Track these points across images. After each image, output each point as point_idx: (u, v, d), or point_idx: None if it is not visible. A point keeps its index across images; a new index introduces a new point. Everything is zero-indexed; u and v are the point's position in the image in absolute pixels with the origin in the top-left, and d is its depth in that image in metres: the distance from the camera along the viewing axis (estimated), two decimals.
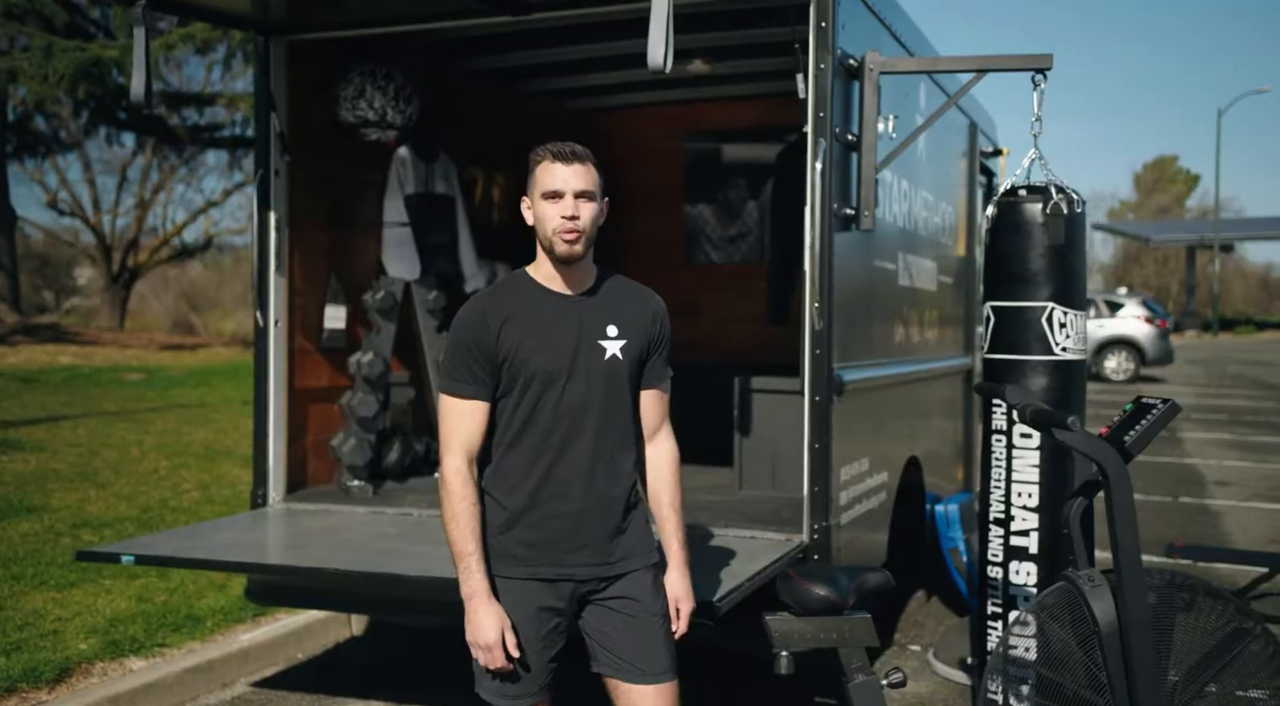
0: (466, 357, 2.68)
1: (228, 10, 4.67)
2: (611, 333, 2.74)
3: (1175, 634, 3.04)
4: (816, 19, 4.04)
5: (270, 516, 4.75)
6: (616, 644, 2.73)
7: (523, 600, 2.70)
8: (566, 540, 2.70)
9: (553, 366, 2.67)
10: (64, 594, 5.54)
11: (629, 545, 2.76)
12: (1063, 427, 2.92)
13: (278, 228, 4.83)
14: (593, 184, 2.68)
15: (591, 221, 2.69)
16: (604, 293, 2.79)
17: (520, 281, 2.77)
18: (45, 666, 4.63)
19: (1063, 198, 4.08)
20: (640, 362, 2.79)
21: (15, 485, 7.53)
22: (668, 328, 2.86)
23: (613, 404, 2.73)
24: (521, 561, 2.70)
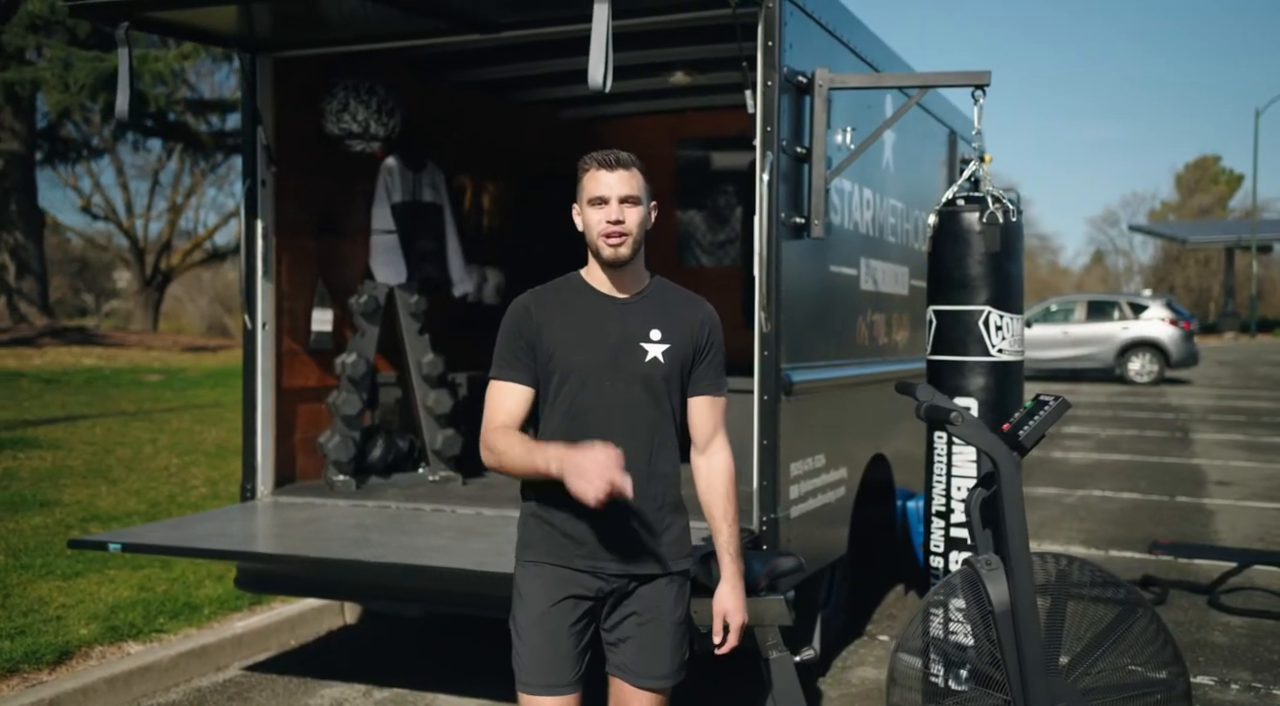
0: (512, 345, 2.77)
1: (214, 30, 4.94)
2: (655, 336, 2.77)
3: (1069, 615, 3.23)
4: (764, 38, 4.25)
5: (257, 509, 5.02)
6: (628, 646, 2.78)
7: (555, 586, 2.74)
8: (603, 536, 2.72)
9: (590, 363, 2.72)
10: (69, 583, 5.84)
11: (663, 547, 2.78)
12: (950, 423, 3.12)
13: (265, 235, 5.10)
14: (638, 189, 2.74)
15: (638, 225, 2.74)
16: (652, 297, 2.83)
17: (572, 281, 2.84)
18: (47, 649, 4.91)
19: (999, 207, 4.28)
20: (684, 369, 2.81)
21: (31, 481, 7.86)
22: (718, 337, 2.88)
23: (650, 406, 2.75)
24: (557, 550, 2.75)
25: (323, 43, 5.09)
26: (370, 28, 4.87)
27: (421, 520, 4.74)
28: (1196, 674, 5.27)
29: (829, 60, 4.71)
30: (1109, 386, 22.69)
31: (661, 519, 2.78)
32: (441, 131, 6.23)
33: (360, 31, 4.93)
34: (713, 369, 2.86)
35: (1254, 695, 5.02)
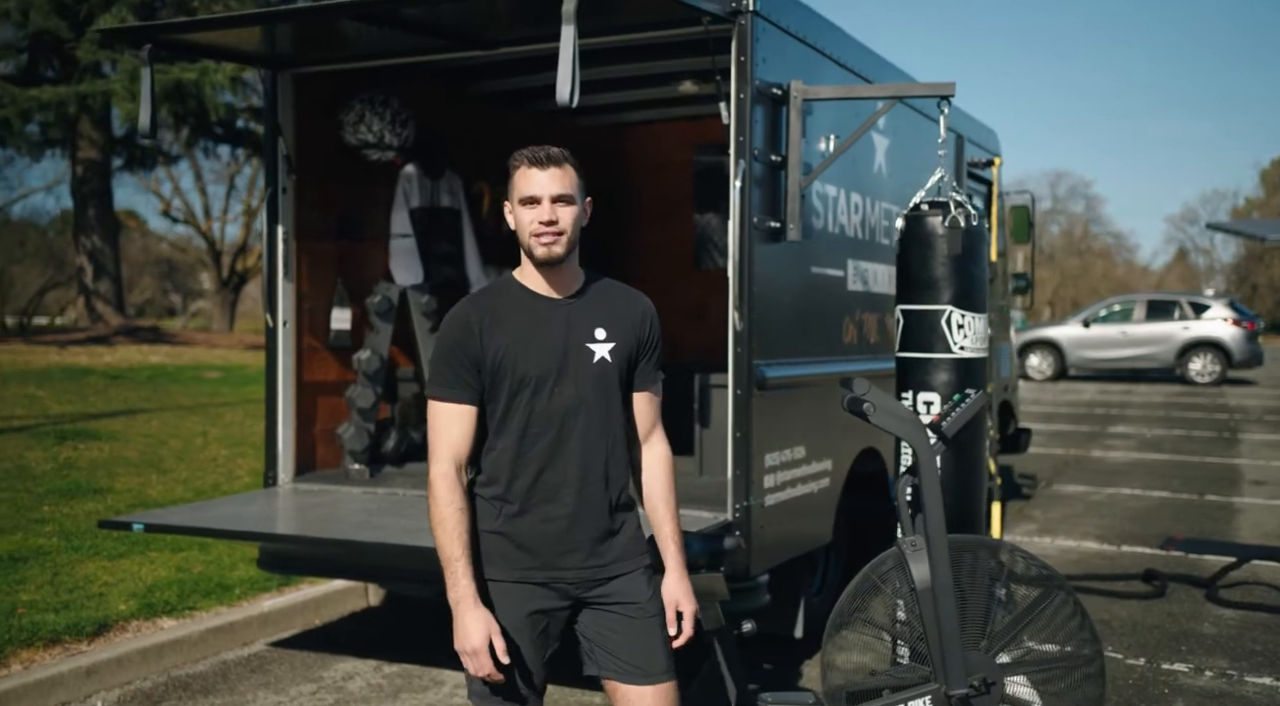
0: (452, 361, 2.67)
1: (236, 49, 5.32)
2: (600, 335, 2.71)
3: (994, 594, 3.45)
4: (736, 53, 4.51)
5: (277, 494, 5.40)
6: (615, 645, 2.72)
7: (515, 603, 2.68)
8: (558, 543, 2.67)
9: (540, 370, 2.65)
10: (113, 563, 6.28)
11: (621, 548, 2.74)
12: (865, 415, 3.36)
13: (285, 239, 5.47)
14: (570, 186, 2.66)
15: (572, 224, 2.66)
16: (591, 295, 2.76)
17: (506, 285, 2.76)
18: (87, 622, 5.34)
19: (960, 212, 4.49)
20: (630, 365, 2.76)
21: (88, 470, 8.38)
22: (658, 330, 2.83)
23: (603, 407, 2.70)
24: (513, 564, 2.68)
25: (340, 59, 5.44)
26: (383, 45, 5.21)
27: (423, 506, 5.06)
28: (1174, 662, 5.43)
29: (808, 71, 4.95)
30: (1169, 387, 22.44)
31: (616, 520, 2.74)
32: (460, 140, 6.56)
33: (374, 48, 5.27)
34: (652, 364, 2.82)
35: (1225, 681, 5.16)
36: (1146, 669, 5.35)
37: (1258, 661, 5.45)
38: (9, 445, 9.03)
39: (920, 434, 3.36)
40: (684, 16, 4.42)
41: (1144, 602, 6.53)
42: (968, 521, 4.50)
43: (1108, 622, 6.09)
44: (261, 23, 4.57)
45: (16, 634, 5.11)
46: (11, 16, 15.45)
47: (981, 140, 7.84)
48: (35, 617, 5.33)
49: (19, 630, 5.15)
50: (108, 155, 20.54)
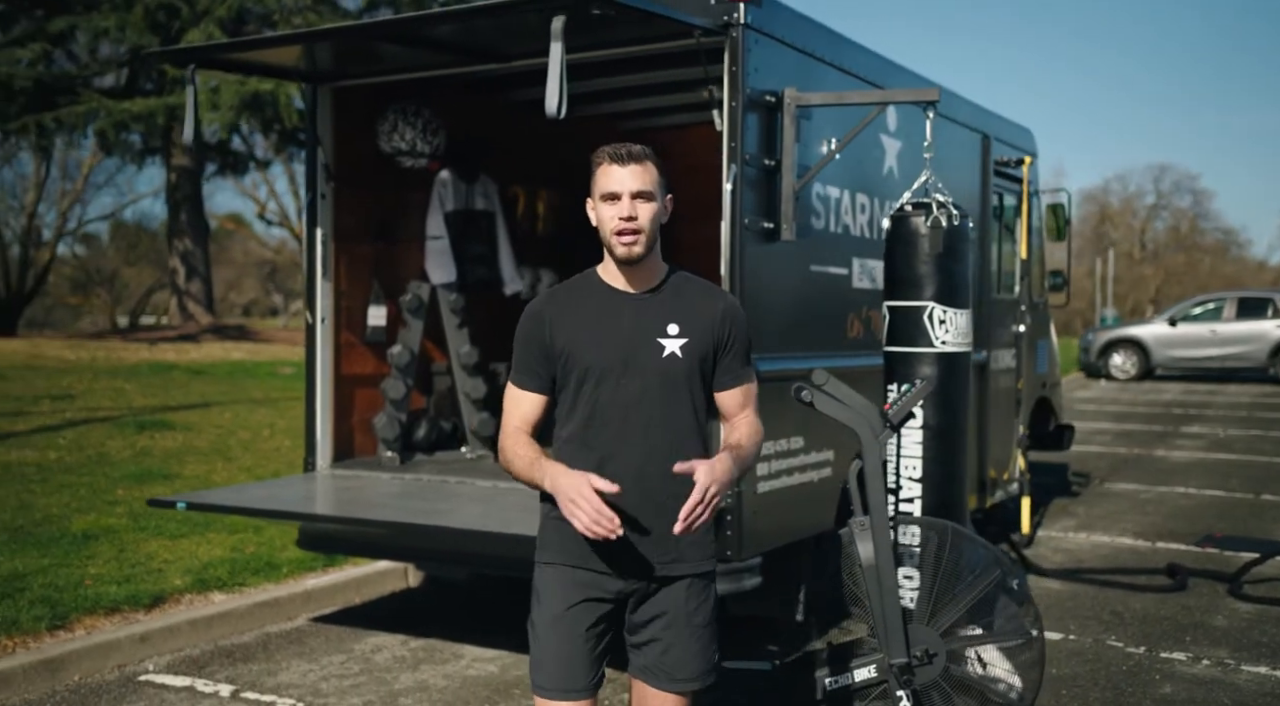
0: (525, 352, 2.75)
1: (278, 65, 5.74)
2: (672, 331, 2.70)
3: (942, 574, 3.67)
4: (728, 63, 4.77)
5: (313, 479, 5.81)
6: (660, 648, 2.72)
7: (572, 588, 2.70)
8: (618, 538, 2.59)
9: (605, 361, 2.68)
10: (174, 542, 6.77)
11: (683, 548, 2.70)
12: (811, 403, 3.60)
13: (324, 242, 5.88)
14: (651, 183, 2.67)
15: (651, 221, 2.67)
16: (670, 291, 2.75)
17: (586, 279, 2.80)
18: (145, 595, 5.81)
19: (943, 212, 4.69)
20: (704, 362, 2.74)
21: (160, 457, 8.95)
22: (741, 328, 2.80)
23: (669, 402, 2.68)
24: (575, 551, 2.70)
25: (375, 73, 5.82)
26: (415, 59, 5.57)
27: (443, 489, 5.43)
28: (1174, 651, 5.54)
29: (805, 78, 5.18)
30: (1259, 387, 21.96)
31: (677, 517, 2.60)
32: (495, 146, 6.92)
33: (407, 62, 5.63)
34: (739, 362, 2.79)
35: (1220, 670, 5.26)
36: (1144, 656, 5.47)
37: (1260, 652, 5.53)
38: (93, 434, 9.68)
39: (862, 421, 3.59)
40: (677, 31, 4.69)
41: (1161, 595, 6.61)
42: (948, 507, 4.68)
43: (1119, 614, 6.21)
44: (292, 43, 4.97)
45: (81, 602, 5.60)
46: (110, 34, 16.32)
47: (1013, 139, 7.95)
48: (99, 589, 5.81)
49: (84, 599, 5.64)
50: (199, 162, 21.48)
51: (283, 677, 5.11)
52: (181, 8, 15.87)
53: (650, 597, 2.73)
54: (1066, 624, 6.03)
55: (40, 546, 6.50)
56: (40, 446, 9.21)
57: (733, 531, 4.80)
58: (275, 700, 4.82)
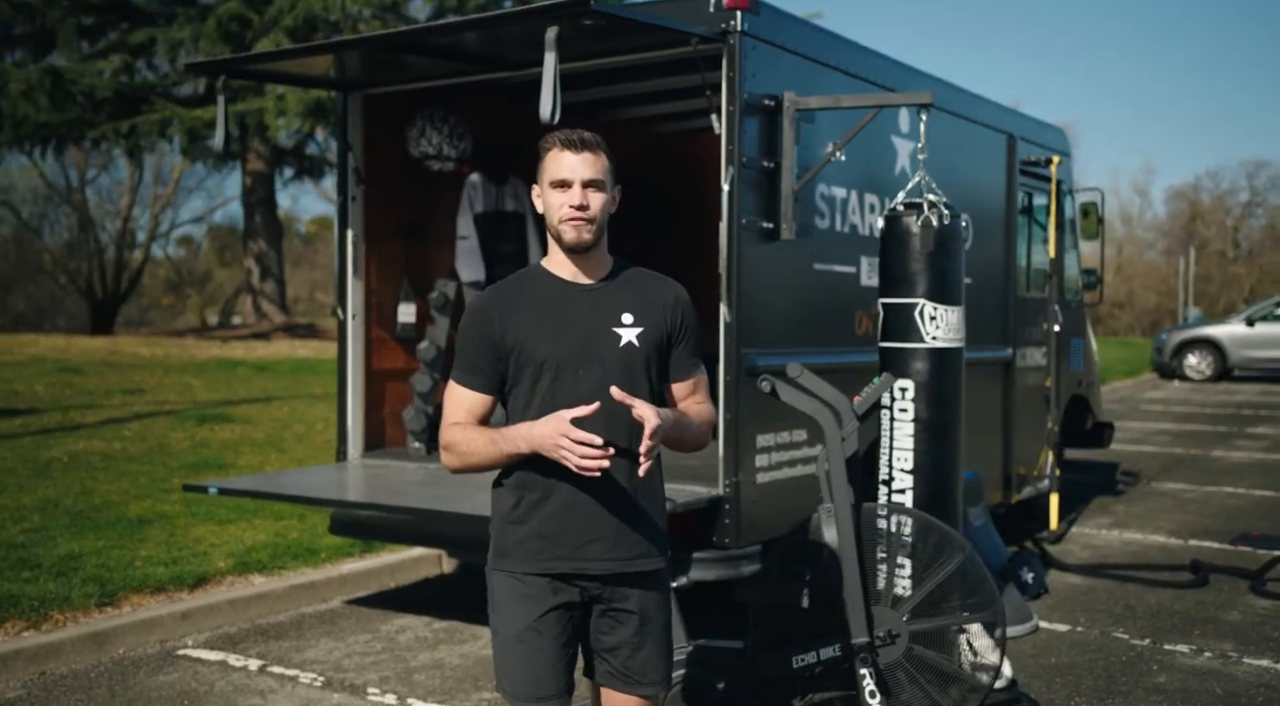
0: (470, 350, 2.67)
1: (310, 75, 6.05)
2: (627, 319, 2.67)
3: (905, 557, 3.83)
4: (726, 69, 4.96)
5: (344, 467, 6.12)
6: (625, 654, 2.70)
7: (537, 597, 2.65)
8: (581, 532, 2.63)
9: (561, 354, 2.62)
10: (221, 528, 7.15)
11: (646, 541, 2.68)
12: (775, 393, 3.78)
13: (355, 243, 6.19)
14: (602, 172, 2.62)
15: (601, 210, 2.63)
16: (620, 281, 2.72)
17: (532, 273, 2.75)
18: (189, 575, 6.17)
19: (934, 212, 4.83)
20: (660, 351, 2.71)
21: (218, 448, 9.38)
22: (691, 317, 2.77)
23: (629, 391, 2.59)
24: (535, 555, 2.65)
25: (404, 80, 6.11)
26: (438, 67, 5.85)
27: (467, 478, 5.67)
28: (1179, 644, 5.60)
29: (807, 81, 5.34)
30: None
31: (645, 511, 2.69)
32: (527, 149, 7.16)
33: (433, 70, 5.90)
34: (689, 352, 2.77)
35: (1221, 662, 5.32)
36: (1146, 648, 5.54)
37: (1266, 646, 5.56)
38: (157, 426, 10.17)
39: (824, 412, 3.77)
40: (676, 39, 4.90)
41: (1179, 591, 6.64)
42: (939, 498, 4.82)
43: (1132, 608, 6.26)
44: (310, 54, 5.27)
45: (130, 581, 5.97)
46: (185, 45, 16.98)
47: (1041, 139, 8.01)
48: (148, 569, 6.19)
49: (133, 578, 6.01)
50: (273, 167, 22.16)
51: (309, 654, 5.42)
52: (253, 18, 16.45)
53: (613, 602, 2.69)
54: (1076, 616, 6.10)
55: (97, 529, 6.91)
56: (107, 437, 9.72)
57: (730, 520, 4.99)
58: (299, 674, 5.12)
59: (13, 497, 7.60)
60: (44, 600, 5.61)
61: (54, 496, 7.67)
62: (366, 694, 4.87)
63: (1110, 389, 22.13)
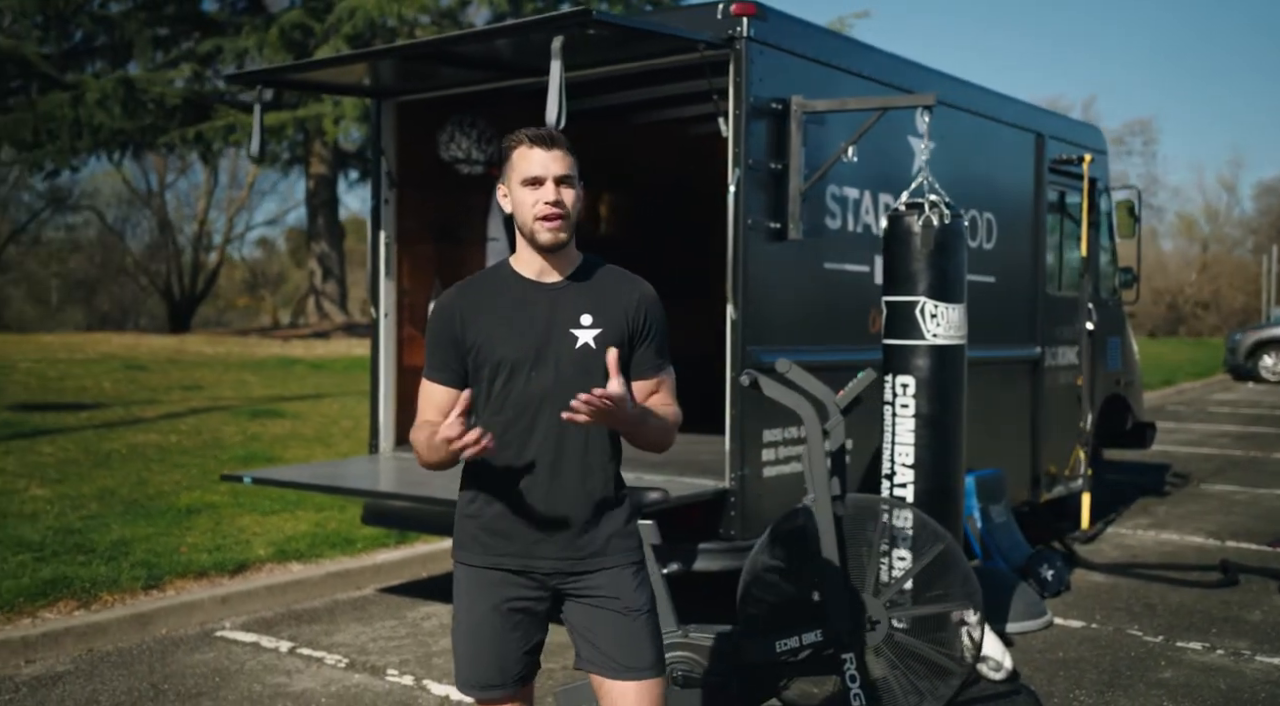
0: (437, 346, 2.71)
1: (345, 83, 6.31)
2: (585, 321, 2.65)
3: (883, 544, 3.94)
4: (733, 75, 5.11)
5: (375, 460, 6.37)
6: (600, 639, 2.68)
7: (489, 589, 2.68)
8: (531, 531, 2.65)
9: (516, 353, 2.63)
10: (265, 518, 7.45)
11: (602, 543, 2.66)
12: (756, 386, 3.91)
13: (387, 244, 6.43)
14: (571, 168, 2.63)
15: (573, 206, 2.63)
16: (585, 280, 2.70)
17: (498, 271, 2.75)
18: (231, 562, 6.46)
19: (935, 212, 4.93)
20: (620, 352, 2.63)
21: (266, 442, 9.73)
22: (657, 317, 2.74)
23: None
24: (487, 549, 2.68)
25: (435, 87, 6.34)
26: (468, 74, 6.05)
27: None
28: (1192, 641, 5.61)
29: (817, 85, 5.46)
30: None
31: (596, 513, 2.67)
32: None
33: (463, 77, 6.12)
34: (653, 352, 2.73)
35: (1232, 660, 5.33)
36: (1158, 645, 5.57)
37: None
38: (211, 420, 10.55)
39: (805, 406, 3.89)
40: (683, 46, 5.06)
41: (1206, 590, 6.63)
42: (940, 492, 4.92)
43: (1152, 607, 6.28)
44: (345, 63, 5.51)
45: (175, 567, 6.28)
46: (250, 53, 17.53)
47: (1073, 137, 8.01)
48: (192, 556, 6.49)
49: (178, 564, 6.32)
50: (335, 170, 22.70)
51: (337, 638, 5.66)
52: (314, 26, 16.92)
53: (585, 592, 2.69)
54: (1093, 613, 6.14)
55: (148, 518, 7.25)
56: (164, 431, 10.12)
57: (736, 512, 5.14)
58: (325, 656, 5.36)
59: (74, 486, 7.98)
60: (95, 582, 5.93)
61: (111, 486, 8.04)
62: (385, 675, 5.09)
63: (1176, 390, 21.78)
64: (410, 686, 4.94)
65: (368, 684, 4.98)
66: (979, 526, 6.60)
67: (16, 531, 6.75)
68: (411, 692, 4.87)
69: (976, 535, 6.58)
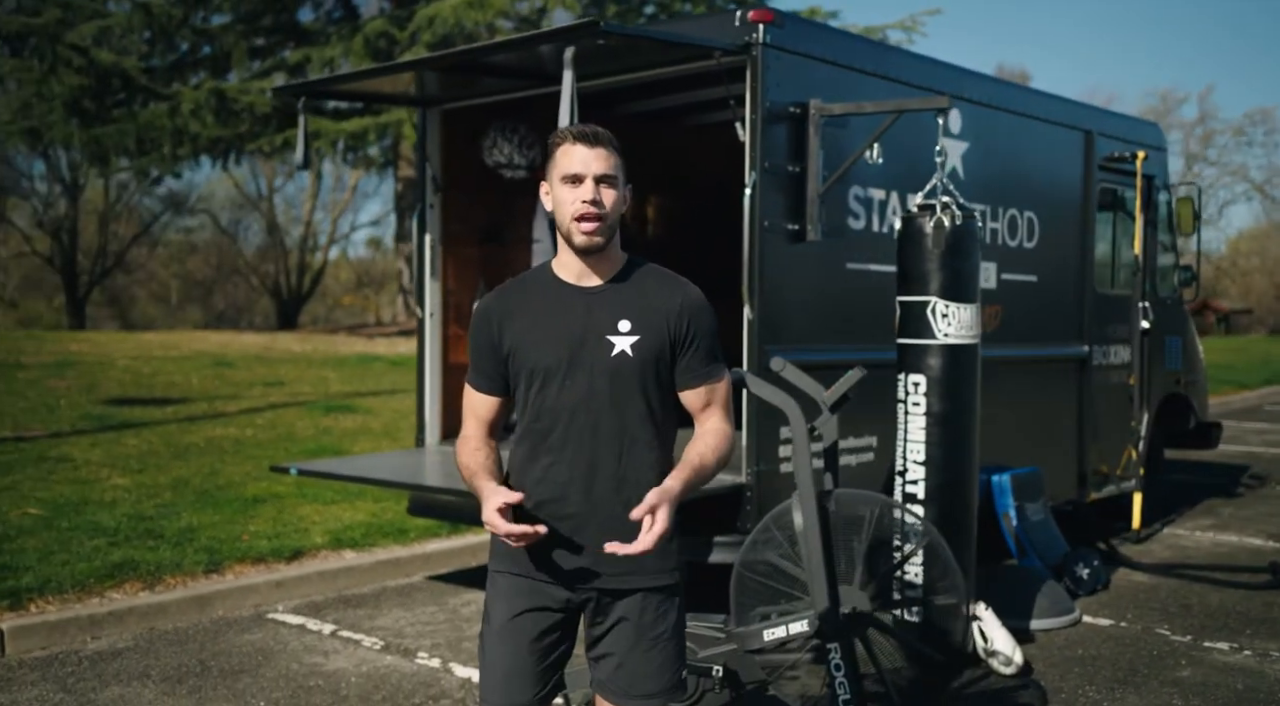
0: (477, 352, 2.65)
1: (390, 93, 6.60)
2: (624, 328, 2.55)
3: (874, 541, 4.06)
4: (749, 80, 5.25)
5: (420, 453, 6.65)
6: (614, 663, 2.60)
7: (519, 597, 2.59)
8: (565, 544, 2.56)
9: (550, 360, 2.54)
10: (325, 508, 7.80)
11: (639, 559, 2.48)
12: (745, 383, 4.05)
13: (433, 246, 6.71)
14: (614, 168, 2.54)
15: (613, 208, 2.54)
16: (626, 284, 2.60)
17: (539, 274, 2.67)
18: (287, 549, 6.81)
19: (947, 213, 5.00)
20: (661, 361, 2.57)
21: (338, 436, 10.12)
22: (704, 323, 2.61)
23: (620, 404, 2.53)
24: (519, 560, 2.60)
25: (478, 94, 6.60)
26: (507, 83, 6.29)
27: None
28: (1220, 641, 5.58)
29: (837, 88, 5.56)
30: None
31: (634, 528, 2.47)
32: None
33: (505, 85, 6.36)
34: (699, 359, 2.61)
35: (1257, 660, 5.29)
36: (1184, 644, 5.55)
37: None
38: (287, 415, 11.01)
39: (791, 403, 4.02)
40: (700, 53, 5.21)
41: (1250, 592, 6.55)
42: (951, 487, 5.00)
43: (1189, 607, 6.23)
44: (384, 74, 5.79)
45: (235, 552, 6.64)
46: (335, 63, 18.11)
47: (1126, 134, 7.94)
48: (253, 543, 6.85)
49: (238, 550, 6.68)
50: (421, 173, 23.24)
51: (379, 622, 5.95)
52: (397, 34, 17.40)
53: (605, 609, 2.60)
54: (1124, 612, 6.12)
55: (216, 506, 7.65)
56: (241, 425, 10.60)
57: (752, 506, 5.28)
58: (363, 638, 5.65)
59: (151, 476, 8.45)
60: (160, 566, 6.31)
61: (185, 476, 8.49)
62: (416, 657, 5.35)
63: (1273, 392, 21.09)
64: (436, 668, 5.19)
65: (397, 665, 5.24)
66: (1014, 524, 6.62)
67: (95, 518, 7.20)
68: (436, 674, 5.12)
69: (1011, 533, 6.59)
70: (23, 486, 7.97)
